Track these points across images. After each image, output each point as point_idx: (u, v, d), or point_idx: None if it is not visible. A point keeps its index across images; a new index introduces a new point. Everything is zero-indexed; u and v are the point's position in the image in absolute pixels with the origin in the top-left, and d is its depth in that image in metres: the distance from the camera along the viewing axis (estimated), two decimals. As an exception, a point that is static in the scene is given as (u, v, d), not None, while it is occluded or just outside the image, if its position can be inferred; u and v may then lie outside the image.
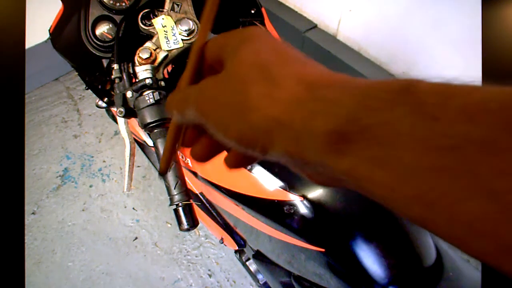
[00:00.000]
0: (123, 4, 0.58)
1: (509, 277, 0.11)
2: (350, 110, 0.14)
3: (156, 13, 0.57)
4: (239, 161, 0.23)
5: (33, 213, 1.37)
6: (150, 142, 0.55)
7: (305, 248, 0.46)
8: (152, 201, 1.40)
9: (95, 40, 0.57)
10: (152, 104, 0.49)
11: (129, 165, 0.65)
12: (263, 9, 0.68)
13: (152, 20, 0.55)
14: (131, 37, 0.56)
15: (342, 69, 1.50)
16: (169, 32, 0.54)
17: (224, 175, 0.51)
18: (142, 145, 1.03)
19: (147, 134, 0.54)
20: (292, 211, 0.44)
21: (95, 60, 0.58)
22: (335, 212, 0.43)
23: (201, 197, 0.69)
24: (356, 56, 1.51)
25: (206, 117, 0.19)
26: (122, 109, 0.51)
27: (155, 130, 0.50)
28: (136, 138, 0.83)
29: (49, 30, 0.59)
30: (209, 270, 1.22)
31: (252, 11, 0.67)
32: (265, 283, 0.86)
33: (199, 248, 1.27)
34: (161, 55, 0.53)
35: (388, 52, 1.41)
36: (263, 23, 0.68)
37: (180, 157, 0.57)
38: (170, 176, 0.50)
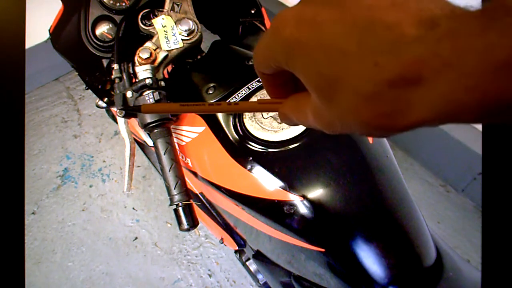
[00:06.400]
0: (123, 4, 0.58)
1: None
2: None
3: (156, 13, 0.57)
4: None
5: (33, 213, 1.37)
6: (150, 142, 0.55)
7: (305, 248, 0.46)
8: (152, 201, 1.40)
9: (95, 40, 0.57)
10: (152, 104, 0.49)
11: (129, 165, 0.65)
12: (263, 9, 0.68)
13: (152, 20, 0.55)
14: (131, 37, 0.56)
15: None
16: (169, 32, 0.54)
17: (224, 175, 0.51)
18: (142, 145, 1.03)
19: (147, 134, 0.54)
20: (292, 211, 0.44)
21: (95, 60, 0.58)
22: (335, 212, 0.43)
23: (201, 197, 0.69)
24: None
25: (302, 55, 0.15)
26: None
27: (155, 130, 0.50)
28: (136, 138, 0.83)
29: (49, 30, 0.59)
30: (209, 270, 1.22)
31: (252, 11, 0.67)
32: (265, 283, 0.86)
33: (199, 248, 1.27)
34: (161, 55, 0.53)
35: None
36: (263, 23, 0.68)
37: (180, 157, 0.57)
38: (170, 176, 0.50)
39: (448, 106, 0.13)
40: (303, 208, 0.44)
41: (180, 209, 0.48)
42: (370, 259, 0.43)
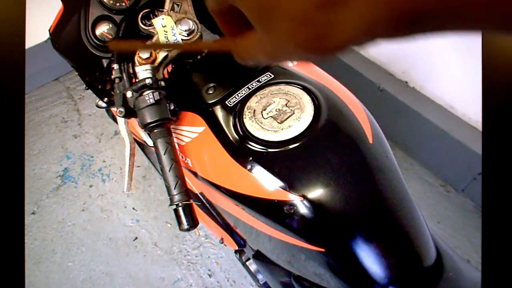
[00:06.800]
0: (123, 4, 0.58)
1: None
2: None
3: (156, 13, 0.57)
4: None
5: (33, 213, 1.38)
6: (150, 142, 0.55)
7: (305, 248, 0.46)
8: (152, 201, 1.40)
9: (95, 40, 0.57)
10: (152, 104, 0.49)
11: (129, 165, 0.65)
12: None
13: (152, 20, 0.55)
14: (131, 37, 0.56)
15: (341, 68, 1.50)
16: (169, 32, 0.54)
17: (224, 175, 0.51)
18: (142, 145, 1.03)
19: (147, 134, 0.54)
20: (292, 211, 0.44)
21: (95, 60, 0.58)
22: (335, 212, 0.43)
23: (201, 197, 0.69)
24: (356, 56, 1.51)
25: None
26: (122, 109, 0.51)
27: (155, 130, 0.50)
28: (136, 138, 0.83)
29: (49, 30, 0.59)
30: (209, 270, 1.22)
31: None
32: (265, 283, 0.86)
33: (199, 248, 1.27)
34: (161, 55, 0.53)
35: (388, 52, 1.41)
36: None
37: (180, 157, 0.57)
38: (170, 176, 0.50)
39: (369, 23, 0.14)
40: (303, 208, 0.44)
41: (180, 209, 0.48)
42: (370, 259, 0.43)
